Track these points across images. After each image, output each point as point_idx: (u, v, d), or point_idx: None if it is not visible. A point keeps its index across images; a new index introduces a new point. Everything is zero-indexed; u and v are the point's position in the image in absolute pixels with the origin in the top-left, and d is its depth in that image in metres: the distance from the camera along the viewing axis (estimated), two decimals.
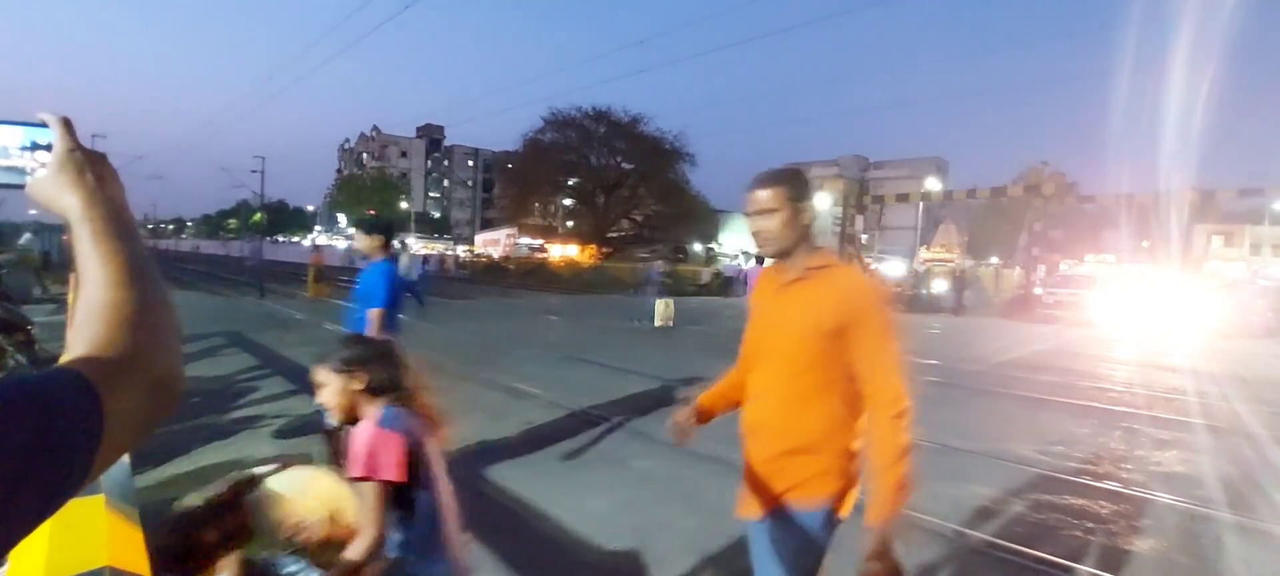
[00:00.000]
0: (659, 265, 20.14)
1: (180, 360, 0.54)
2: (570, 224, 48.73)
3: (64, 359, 0.49)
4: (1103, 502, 3.72)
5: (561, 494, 3.55)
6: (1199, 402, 6.71)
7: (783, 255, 1.51)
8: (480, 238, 56.42)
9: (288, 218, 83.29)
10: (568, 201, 48.14)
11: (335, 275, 19.93)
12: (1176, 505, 3.71)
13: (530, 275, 34.66)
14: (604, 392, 6.12)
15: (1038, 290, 21.59)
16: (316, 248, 20.90)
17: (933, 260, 27.61)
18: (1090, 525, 3.38)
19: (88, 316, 0.51)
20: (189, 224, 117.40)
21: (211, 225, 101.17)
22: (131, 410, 0.48)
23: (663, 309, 12.87)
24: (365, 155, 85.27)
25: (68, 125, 0.57)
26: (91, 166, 0.57)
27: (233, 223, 78.93)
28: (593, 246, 41.55)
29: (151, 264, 0.55)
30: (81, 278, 0.53)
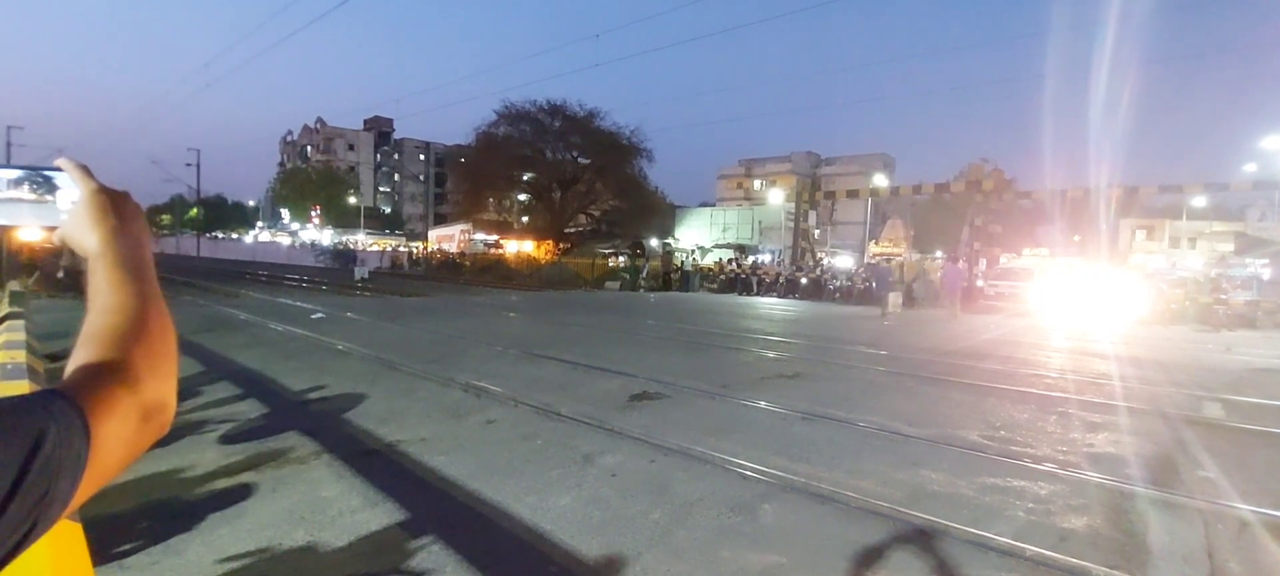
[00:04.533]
0: (885, 264, 24.35)
1: (174, 386, 0.57)
2: (526, 219, 48.07)
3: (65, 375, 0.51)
4: (1042, 483, 3.94)
5: (524, 492, 3.53)
6: (1123, 387, 7.20)
7: None
8: (434, 233, 55.14)
9: (227, 213, 79.50)
10: (523, 197, 47.43)
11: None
12: (1106, 484, 3.97)
13: (487, 271, 34.17)
14: (568, 389, 6.10)
15: (980, 283, 22.61)
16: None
17: (882, 254, 28.51)
18: (1031, 505, 3.58)
19: (86, 340, 0.54)
20: None
21: None
22: (119, 434, 0.49)
23: (894, 300, 16.46)
24: (309, 148, 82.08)
25: (86, 170, 0.63)
26: (114, 205, 0.61)
27: (166, 218, 74.81)
28: (550, 242, 41.15)
29: (158, 294, 0.60)
30: (91, 306, 0.57)
